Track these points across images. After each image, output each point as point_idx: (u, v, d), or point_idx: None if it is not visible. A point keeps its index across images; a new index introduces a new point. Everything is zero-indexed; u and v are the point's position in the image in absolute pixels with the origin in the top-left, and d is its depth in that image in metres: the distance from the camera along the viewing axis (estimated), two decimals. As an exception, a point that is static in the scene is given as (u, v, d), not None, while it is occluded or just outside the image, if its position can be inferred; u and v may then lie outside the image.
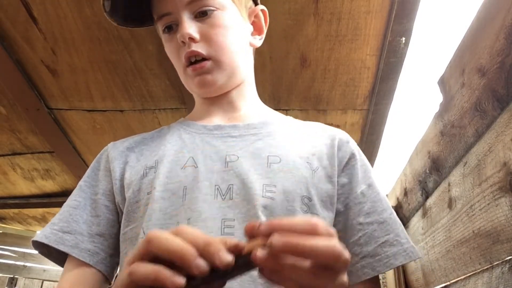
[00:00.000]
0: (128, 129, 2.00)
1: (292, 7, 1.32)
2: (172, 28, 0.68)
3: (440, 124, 1.09)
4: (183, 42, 0.65)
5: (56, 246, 0.65)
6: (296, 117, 0.78)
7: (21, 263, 3.40)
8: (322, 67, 1.55)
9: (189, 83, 0.70)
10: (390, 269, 0.60)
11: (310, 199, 0.60)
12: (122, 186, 0.67)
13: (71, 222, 0.68)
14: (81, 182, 0.72)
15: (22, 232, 3.52)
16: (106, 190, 0.69)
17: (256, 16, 0.74)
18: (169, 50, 0.71)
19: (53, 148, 2.16)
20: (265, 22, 0.75)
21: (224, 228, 0.56)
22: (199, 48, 0.65)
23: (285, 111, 1.81)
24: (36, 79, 1.69)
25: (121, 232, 0.65)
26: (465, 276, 0.95)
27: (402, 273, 1.58)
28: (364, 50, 1.47)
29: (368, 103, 1.70)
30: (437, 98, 1.09)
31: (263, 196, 0.58)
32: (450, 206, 1.04)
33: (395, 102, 1.65)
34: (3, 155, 2.27)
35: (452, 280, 1.05)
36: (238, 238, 0.56)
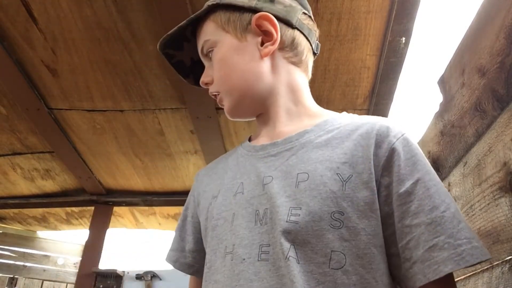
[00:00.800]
0: (128, 129, 2.00)
1: (292, 7, 1.32)
2: None
3: (440, 124, 1.09)
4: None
5: (166, 261, 0.81)
6: (297, 121, 0.75)
7: (21, 263, 3.40)
8: (322, 67, 1.55)
9: None
10: (442, 276, 0.54)
11: (342, 213, 0.57)
12: (199, 213, 0.77)
13: (174, 242, 0.81)
14: (183, 210, 0.84)
15: (22, 232, 3.52)
16: (194, 213, 0.79)
17: (258, 25, 0.73)
18: None
19: (53, 148, 2.16)
20: (272, 25, 0.72)
21: (261, 254, 0.58)
22: (213, 88, 0.75)
23: (285, 111, 1.80)
24: (36, 79, 1.69)
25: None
26: (465, 276, 0.95)
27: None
28: (364, 50, 1.47)
29: (368, 103, 1.70)
30: (437, 98, 1.09)
31: (287, 221, 0.58)
32: (450, 206, 1.04)
33: (395, 102, 1.65)
34: (3, 155, 2.27)
35: (452, 280, 1.05)
36: (271, 264, 0.57)
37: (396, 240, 0.58)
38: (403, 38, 1.36)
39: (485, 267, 0.84)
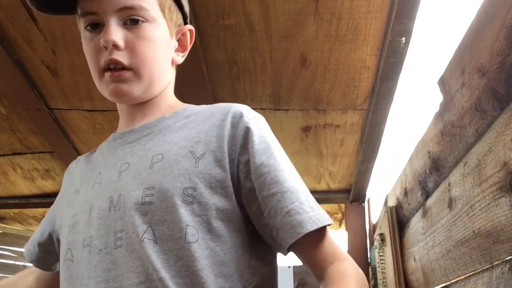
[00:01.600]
0: (128, 129, 2.00)
1: (292, 7, 1.32)
2: (97, 26, 0.66)
3: (440, 124, 1.09)
4: (105, 47, 0.64)
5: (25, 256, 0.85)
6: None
7: (21, 263, 3.40)
8: (322, 67, 1.55)
9: (103, 88, 0.69)
10: (298, 238, 0.57)
11: (194, 189, 0.59)
12: (60, 208, 0.77)
13: (35, 234, 0.86)
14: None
15: (22, 232, 3.52)
16: (53, 210, 0.84)
17: (184, 34, 0.75)
18: (88, 49, 0.70)
19: (53, 148, 2.16)
20: (191, 41, 0.76)
21: (116, 241, 0.58)
22: (121, 57, 0.64)
23: (285, 111, 1.81)
24: (36, 79, 1.69)
25: None
26: (465, 276, 0.95)
27: (402, 273, 1.58)
28: (364, 50, 1.47)
29: (368, 103, 1.70)
30: (437, 98, 1.09)
31: (142, 203, 0.58)
32: (450, 206, 1.04)
33: (395, 102, 1.65)
34: (3, 155, 2.27)
35: (452, 280, 1.05)
36: (125, 249, 0.57)
37: (263, 211, 0.61)
38: (403, 38, 1.36)
39: (485, 267, 0.84)
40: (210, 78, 1.65)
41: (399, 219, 1.66)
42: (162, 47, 0.69)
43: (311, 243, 0.60)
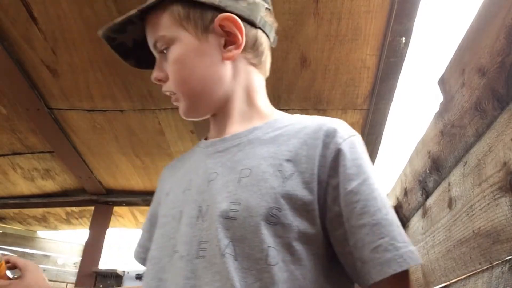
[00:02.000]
0: (128, 129, 2.00)
1: (292, 7, 1.32)
2: None
3: (440, 124, 1.09)
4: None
5: (135, 258, 0.81)
6: (248, 120, 0.74)
7: (21, 263, 3.40)
8: (322, 67, 1.55)
9: None
10: (386, 277, 0.54)
11: (279, 209, 0.57)
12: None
13: (141, 238, 0.80)
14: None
15: (22, 232, 3.52)
16: (154, 211, 0.77)
17: (223, 26, 0.68)
18: None
19: (53, 148, 2.16)
20: (237, 28, 0.68)
21: (199, 251, 0.58)
22: (166, 87, 0.71)
23: (285, 111, 1.80)
24: (36, 79, 1.69)
25: None
26: (465, 276, 0.95)
27: (402, 273, 1.58)
28: (364, 50, 1.47)
29: (368, 103, 1.70)
30: (437, 98, 1.09)
31: (225, 217, 0.57)
32: (450, 206, 1.04)
33: (395, 102, 1.65)
34: (3, 155, 2.27)
35: (452, 280, 1.05)
36: (206, 261, 0.57)
37: (345, 241, 0.58)
38: (403, 38, 1.36)
39: (485, 267, 0.84)
40: (210, 78, 1.65)
41: (399, 219, 1.65)
42: (192, 57, 0.68)
43: (393, 283, 0.57)
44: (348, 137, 0.63)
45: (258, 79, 0.75)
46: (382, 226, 0.56)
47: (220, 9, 0.68)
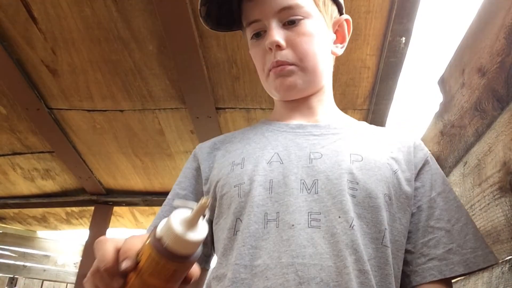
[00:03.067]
0: (128, 129, 2.00)
1: (292, 7, 1.32)
2: (260, 34, 0.71)
3: (440, 124, 1.09)
4: (270, 48, 0.68)
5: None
6: (333, 115, 0.78)
7: (21, 263, 3.40)
8: (322, 67, 1.55)
9: (270, 86, 0.72)
10: (455, 275, 0.61)
11: (390, 198, 0.62)
12: (210, 184, 0.72)
13: (161, 218, 0.71)
14: (174, 184, 0.78)
15: (22, 232, 3.52)
16: (195, 189, 0.74)
17: (340, 25, 0.76)
18: (255, 54, 0.74)
19: (53, 148, 2.16)
20: (348, 31, 0.77)
21: (311, 221, 0.59)
22: (284, 56, 0.68)
23: (285, 111, 1.80)
24: (36, 79, 1.69)
25: (214, 223, 0.69)
26: (465, 276, 0.95)
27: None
28: (364, 50, 1.47)
29: (368, 103, 1.70)
30: (437, 98, 1.09)
31: (348, 193, 0.60)
32: (450, 206, 1.03)
33: (395, 102, 1.65)
34: (3, 155, 2.27)
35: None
36: (324, 231, 0.58)
37: (416, 237, 0.64)
38: (403, 38, 1.36)
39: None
40: (210, 78, 1.65)
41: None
42: (321, 39, 0.71)
43: (446, 285, 0.63)
44: (429, 153, 0.72)
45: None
46: (451, 234, 0.63)
47: (340, 8, 0.76)
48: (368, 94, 1.65)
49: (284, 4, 0.67)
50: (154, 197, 2.64)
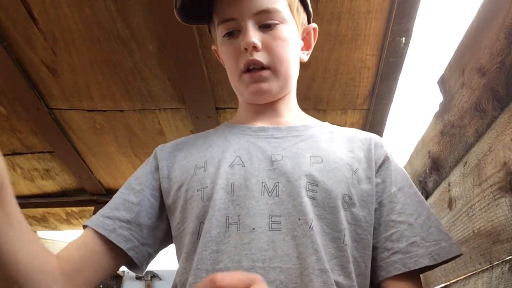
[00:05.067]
0: (128, 129, 2.00)
1: (292, 7, 1.32)
2: (233, 33, 0.70)
3: (440, 124, 1.09)
4: (245, 49, 0.68)
5: (96, 229, 0.67)
6: (296, 117, 0.79)
7: (21, 263, 3.40)
8: (322, 67, 1.55)
9: (242, 88, 0.73)
10: (419, 267, 0.62)
11: (350, 198, 0.63)
12: (169, 184, 0.72)
13: (113, 209, 0.70)
14: (129, 178, 0.76)
15: (22, 232, 3.51)
16: (152, 186, 0.73)
17: (308, 33, 0.79)
18: (227, 54, 0.73)
19: (53, 148, 2.16)
20: (314, 39, 0.80)
21: (271, 223, 0.60)
22: (260, 57, 0.68)
23: (285, 111, 1.80)
24: (36, 79, 1.69)
25: (175, 227, 0.69)
26: (465, 276, 0.95)
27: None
28: (364, 50, 1.47)
29: (368, 103, 1.70)
30: (437, 98, 1.09)
31: (306, 196, 0.61)
32: (450, 206, 1.04)
33: (395, 102, 1.65)
34: (3, 155, 2.27)
35: (452, 280, 1.05)
36: (284, 233, 0.59)
37: (378, 232, 0.65)
38: (403, 38, 1.36)
39: (485, 267, 0.84)
40: (210, 78, 1.65)
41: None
42: (293, 45, 0.72)
43: (413, 279, 0.64)
44: (390, 150, 0.73)
45: None
46: (414, 228, 0.64)
47: (309, 14, 0.80)
48: (368, 94, 1.65)
49: (263, 7, 0.68)
50: (154, 197, 2.64)
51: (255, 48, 0.67)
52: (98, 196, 2.66)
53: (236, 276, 0.41)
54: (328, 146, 0.69)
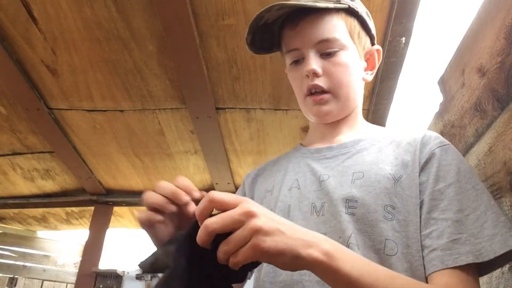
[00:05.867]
0: (128, 129, 2.00)
1: (292, 7, 1.32)
2: (299, 61, 0.77)
3: (440, 124, 1.09)
4: (307, 75, 0.75)
5: None
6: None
7: (21, 263, 3.40)
8: (322, 67, 1.55)
9: (307, 110, 0.79)
10: (459, 265, 0.59)
11: (393, 207, 0.66)
12: None
13: None
14: None
15: (22, 232, 3.52)
16: None
17: (371, 55, 0.83)
18: (293, 79, 0.80)
19: (53, 148, 2.16)
20: (378, 60, 0.84)
21: None
22: (321, 82, 0.74)
23: (285, 111, 1.80)
24: (36, 79, 1.69)
25: None
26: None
27: (402, 273, 1.58)
28: (364, 50, 1.47)
29: (368, 103, 1.70)
30: (437, 98, 1.09)
31: (346, 213, 0.66)
32: (450, 206, 1.03)
33: (395, 102, 1.65)
34: (3, 155, 2.27)
35: (452, 280, 1.05)
36: None
37: (421, 230, 0.65)
38: (403, 38, 1.36)
39: (485, 267, 0.84)
40: (210, 78, 1.65)
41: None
42: (354, 69, 0.77)
43: (456, 277, 0.61)
44: (443, 145, 0.71)
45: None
46: (462, 224, 0.63)
47: (372, 39, 0.85)
48: (368, 94, 1.65)
49: (322, 37, 0.74)
50: (154, 197, 2.64)
51: (315, 74, 0.74)
52: (98, 196, 2.66)
53: (228, 196, 0.50)
54: (372, 158, 0.72)
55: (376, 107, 1.69)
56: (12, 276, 3.31)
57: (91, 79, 1.67)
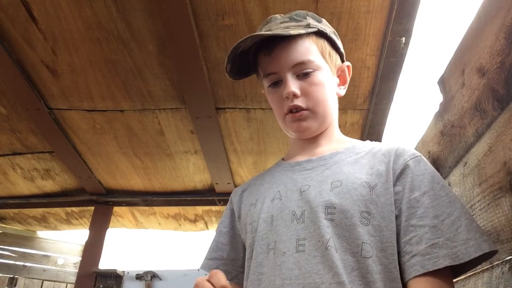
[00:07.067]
0: (128, 129, 2.00)
1: (292, 7, 1.32)
2: (277, 83, 0.82)
3: (440, 124, 1.09)
4: (287, 97, 0.80)
5: (204, 270, 0.87)
6: (332, 146, 0.84)
7: (21, 263, 3.40)
8: (322, 67, 1.55)
9: (287, 127, 0.84)
10: (438, 268, 0.64)
11: (369, 213, 0.70)
12: (240, 222, 0.88)
13: (211, 252, 0.90)
14: (218, 224, 0.94)
15: (22, 232, 3.52)
16: (232, 226, 0.90)
17: (343, 71, 0.89)
18: (272, 100, 0.85)
19: (53, 148, 2.16)
20: (349, 74, 0.90)
21: (298, 246, 0.70)
22: (300, 102, 0.80)
23: (285, 111, 1.80)
24: (36, 79, 1.69)
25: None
26: (465, 276, 0.95)
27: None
28: (364, 50, 1.47)
29: (368, 103, 1.70)
30: (437, 98, 1.09)
31: (325, 218, 0.70)
32: (450, 206, 1.03)
33: (395, 102, 1.65)
34: (3, 155, 2.27)
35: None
36: (307, 254, 0.69)
37: (399, 238, 0.70)
38: (403, 38, 1.36)
39: (485, 267, 0.84)
40: (210, 78, 1.65)
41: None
42: (328, 87, 0.83)
43: (435, 281, 0.66)
44: (415, 156, 0.76)
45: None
46: (438, 229, 0.67)
47: (341, 56, 0.89)
48: (368, 94, 1.65)
49: (298, 60, 0.79)
50: (154, 197, 2.64)
51: (295, 95, 0.79)
52: (98, 196, 2.66)
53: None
54: (349, 169, 0.77)
55: (376, 107, 1.69)
56: (12, 276, 3.31)
57: (91, 79, 1.68)
